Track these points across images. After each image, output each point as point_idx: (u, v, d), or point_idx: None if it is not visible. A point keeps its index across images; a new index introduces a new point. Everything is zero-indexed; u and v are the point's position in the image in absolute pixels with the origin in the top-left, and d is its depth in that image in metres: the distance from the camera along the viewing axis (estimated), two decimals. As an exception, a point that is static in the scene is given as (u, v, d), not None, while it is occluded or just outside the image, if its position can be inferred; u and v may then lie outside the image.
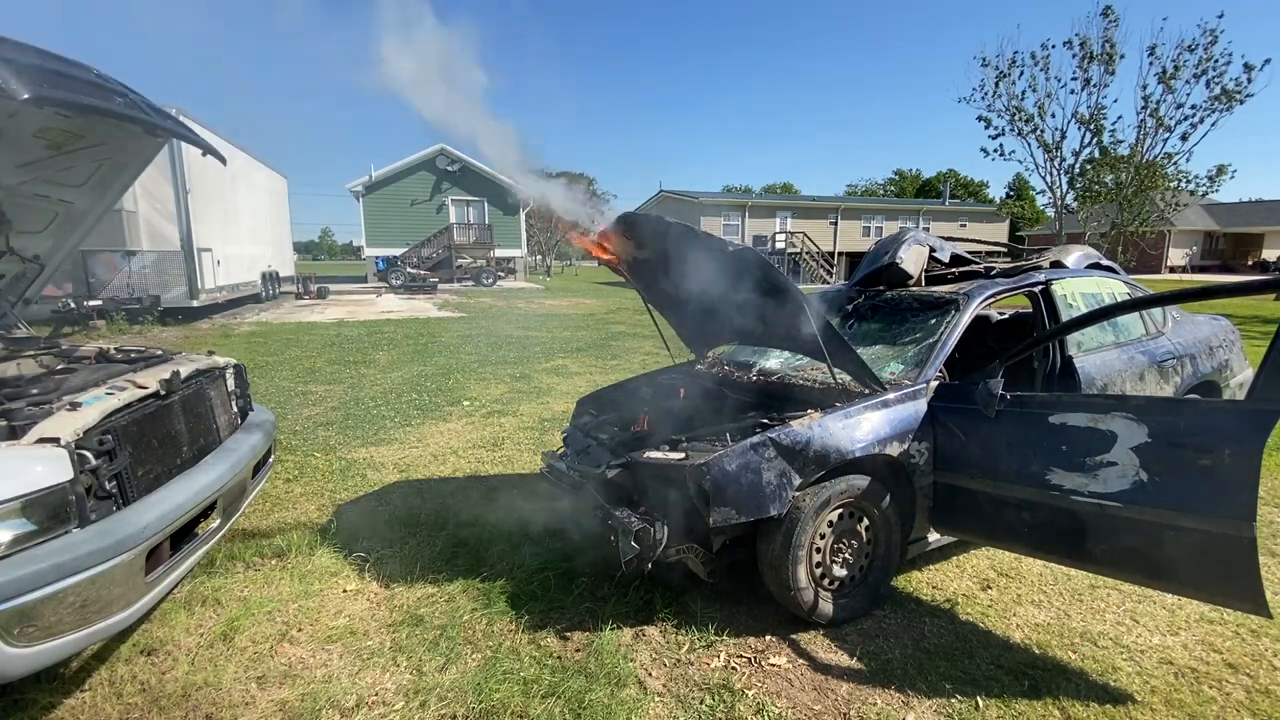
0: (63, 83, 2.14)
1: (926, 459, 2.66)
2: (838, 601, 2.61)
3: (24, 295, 3.44)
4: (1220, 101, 16.50)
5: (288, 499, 3.98)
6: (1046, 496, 2.32)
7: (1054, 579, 2.98)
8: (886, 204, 41.76)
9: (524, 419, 5.85)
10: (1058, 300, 3.27)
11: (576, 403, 3.82)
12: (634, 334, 11.88)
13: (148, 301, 12.24)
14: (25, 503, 1.74)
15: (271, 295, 18.43)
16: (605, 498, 2.70)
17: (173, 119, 2.79)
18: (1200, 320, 4.14)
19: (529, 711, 2.12)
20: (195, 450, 2.57)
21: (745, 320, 3.07)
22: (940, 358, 2.86)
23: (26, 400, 2.12)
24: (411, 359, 9.02)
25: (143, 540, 1.98)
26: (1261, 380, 1.93)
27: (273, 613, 2.71)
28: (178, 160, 11.88)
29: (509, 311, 16.32)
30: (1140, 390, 3.40)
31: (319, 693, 2.21)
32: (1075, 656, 2.43)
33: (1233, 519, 1.91)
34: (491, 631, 2.58)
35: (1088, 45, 17.26)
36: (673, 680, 2.30)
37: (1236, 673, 2.33)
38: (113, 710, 2.15)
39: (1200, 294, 2.37)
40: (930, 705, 2.17)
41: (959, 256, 3.75)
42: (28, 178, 2.88)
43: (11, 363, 2.81)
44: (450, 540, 3.36)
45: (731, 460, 2.38)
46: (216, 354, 3.14)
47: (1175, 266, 36.67)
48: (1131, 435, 2.12)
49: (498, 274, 26.87)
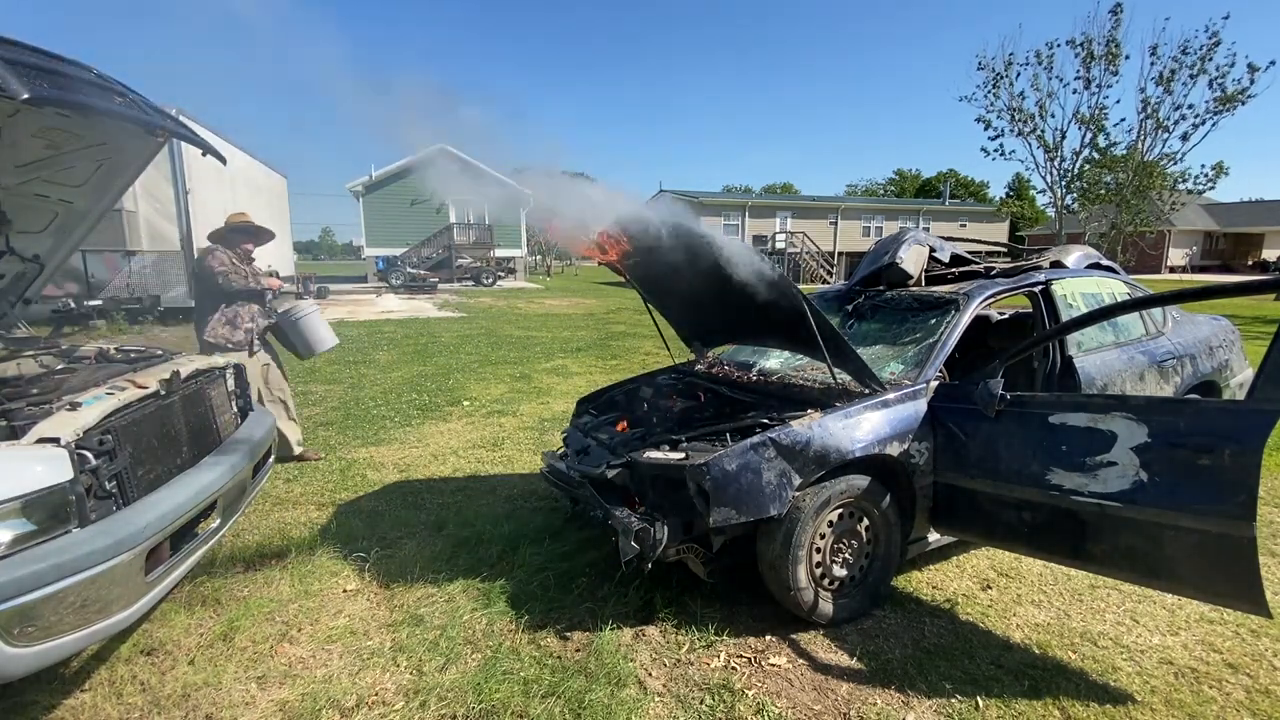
0: (63, 83, 2.13)
1: (926, 459, 2.66)
2: (838, 601, 2.61)
3: (24, 295, 3.43)
4: (1222, 104, 16.49)
5: (288, 499, 3.98)
6: (1046, 496, 2.32)
7: (1054, 579, 2.98)
8: (886, 204, 41.75)
9: (524, 419, 5.85)
10: (1058, 300, 3.27)
11: (576, 403, 3.83)
12: (634, 334, 11.88)
13: (148, 301, 12.23)
14: (25, 502, 1.74)
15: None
16: (605, 498, 2.70)
17: (173, 119, 2.79)
18: (1200, 320, 4.14)
19: (529, 711, 2.12)
20: (195, 450, 2.57)
21: (745, 320, 3.07)
22: (940, 358, 2.86)
23: (26, 400, 2.12)
24: (411, 359, 9.02)
25: (143, 540, 1.98)
26: (1261, 380, 1.93)
27: (273, 613, 2.71)
28: (178, 160, 11.87)
29: (509, 311, 16.32)
30: (1140, 390, 3.40)
31: (319, 693, 2.21)
32: (1075, 656, 2.43)
33: (1233, 519, 1.91)
34: (491, 631, 2.58)
35: (1090, 45, 17.25)
36: (673, 680, 2.30)
37: (1236, 673, 2.33)
38: (113, 710, 2.15)
39: (1200, 294, 2.37)
40: (930, 705, 2.17)
41: (959, 256, 3.75)
42: (28, 178, 2.87)
43: (11, 363, 2.81)
44: (450, 540, 3.36)
45: (731, 460, 2.38)
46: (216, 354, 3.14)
47: (1175, 266, 36.66)
48: (1131, 435, 2.12)
49: (498, 274, 26.87)
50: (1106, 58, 17.16)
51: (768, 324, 3.05)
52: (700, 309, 3.27)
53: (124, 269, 12.02)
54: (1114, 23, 17.01)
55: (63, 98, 2.10)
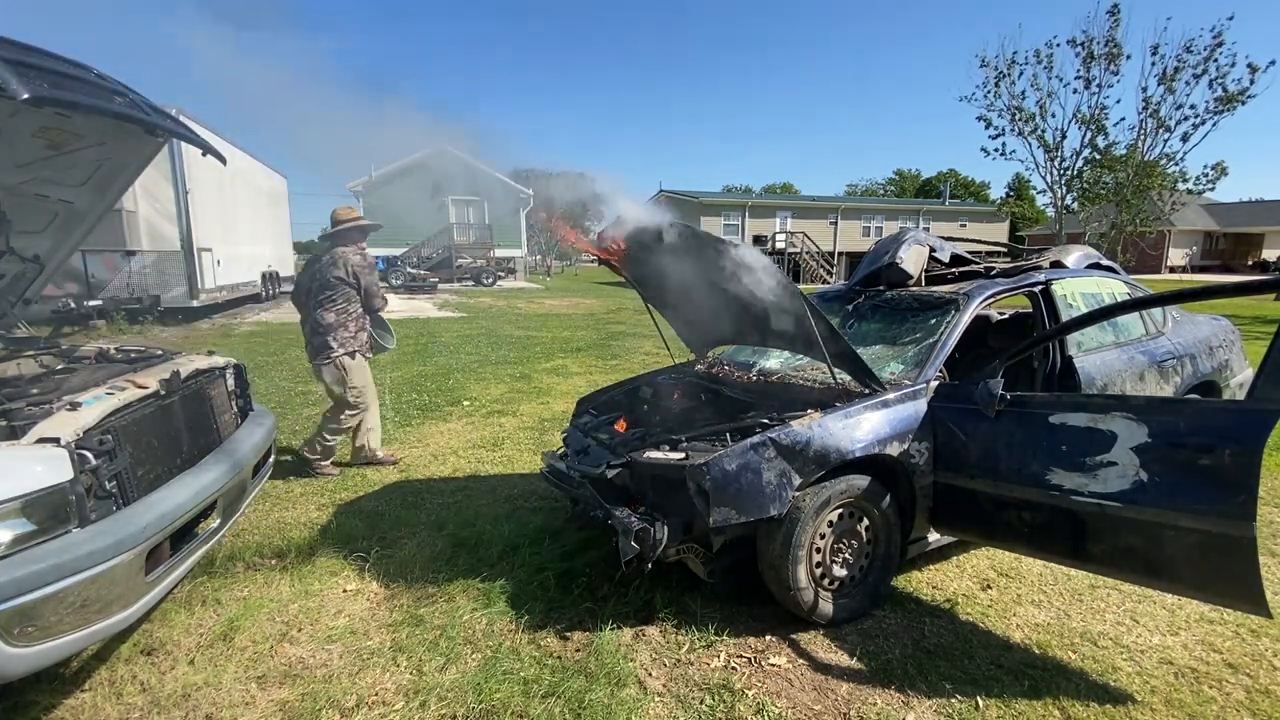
0: (63, 83, 2.13)
1: (926, 459, 2.66)
2: (838, 601, 2.61)
3: (24, 295, 3.43)
4: (1223, 104, 16.50)
5: (288, 499, 3.98)
6: (1046, 496, 2.32)
7: (1054, 579, 2.98)
8: (886, 204, 41.77)
9: (524, 419, 5.85)
10: (1058, 300, 3.27)
11: (576, 403, 3.82)
12: (634, 334, 11.88)
13: (148, 301, 12.22)
14: (25, 502, 1.74)
15: (272, 295, 18.41)
16: (605, 498, 2.70)
17: (172, 119, 2.79)
18: (1200, 320, 4.14)
19: (529, 711, 2.12)
20: (195, 450, 2.57)
21: (745, 320, 3.07)
22: (940, 358, 2.86)
23: (26, 400, 2.12)
24: (411, 359, 9.01)
25: (143, 540, 1.98)
26: (1261, 380, 1.93)
27: (273, 613, 2.71)
28: (178, 160, 11.86)
29: (509, 311, 16.32)
30: (1140, 390, 3.40)
31: (319, 693, 2.21)
32: (1075, 656, 2.43)
33: (1233, 519, 1.91)
34: (491, 631, 2.58)
35: (1090, 44, 17.26)
36: (673, 680, 2.30)
37: (1236, 673, 2.33)
38: (113, 710, 2.15)
39: (1200, 294, 2.37)
40: (930, 705, 2.17)
41: (959, 256, 3.75)
42: (28, 178, 2.88)
43: (11, 363, 2.81)
44: (450, 540, 3.36)
45: (731, 460, 2.38)
46: (216, 354, 3.14)
47: (1175, 266, 36.66)
48: (1131, 435, 2.12)
49: (498, 274, 26.85)
50: (1107, 58, 17.17)
51: (768, 324, 3.05)
52: (700, 309, 3.27)
53: (124, 269, 12.02)
54: (1113, 22, 17.03)
55: (63, 98, 2.10)
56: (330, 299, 4.16)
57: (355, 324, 4.26)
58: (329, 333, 4.14)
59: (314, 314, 4.19)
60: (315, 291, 4.19)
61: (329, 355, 4.15)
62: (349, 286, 4.18)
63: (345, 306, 4.20)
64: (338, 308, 4.18)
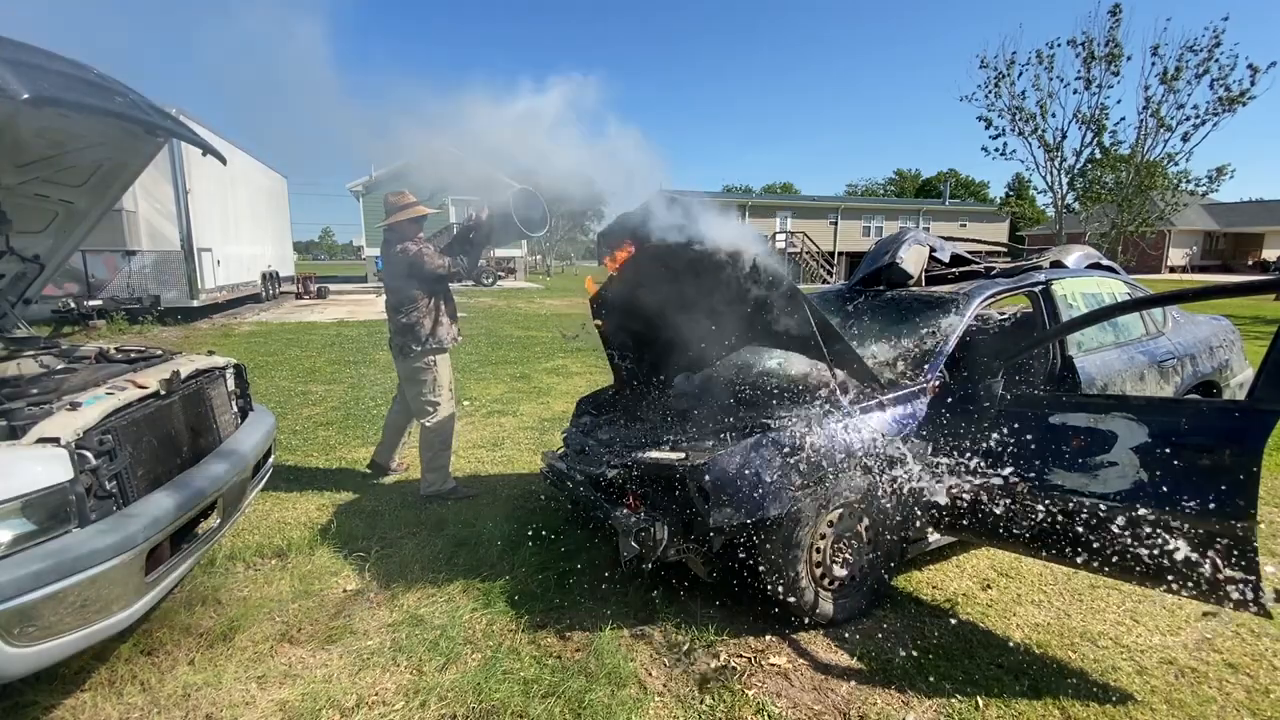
0: (63, 83, 2.13)
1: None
2: (838, 601, 2.61)
3: (24, 295, 3.43)
4: (1223, 104, 16.51)
5: (288, 499, 3.98)
6: (1046, 497, 2.32)
7: (1054, 579, 2.98)
8: (886, 204, 41.79)
9: (524, 419, 5.85)
10: (1058, 300, 3.27)
11: (576, 403, 3.82)
12: (634, 334, 11.85)
13: (148, 301, 12.23)
14: (25, 503, 1.74)
15: (271, 295, 18.43)
16: (605, 498, 2.70)
17: (172, 119, 2.79)
18: (1200, 320, 4.14)
19: (529, 711, 2.12)
20: (195, 450, 2.57)
21: (745, 321, 3.06)
22: (940, 358, 2.86)
23: (26, 400, 2.12)
24: (411, 359, 9.00)
25: (143, 540, 1.97)
26: (1261, 380, 1.93)
27: (273, 613, 2.71)
28: (178, 160, 11.87)
29: (509, 311, 16.32)
30: (1140, 390, 3.40)
31: (319, 693, 2.21)
32: (1075, 656, 2.43)
33: (1233, 519, 1.91)
34: (491, 631, 2.58)
35: (1090, 45, 17.27)
36: (673, 680, 2.30)
37: (1236, 673, 2.33)
38: (113, 710, 2.15)
39: (1200, 294, 2.36)
40: (930, 705, 2.17)
41: (959, 256, 3.76)
42: (28, 178, 2.87)
43: (11, 363, 2.80)
44: (450, 540, 3.36)
45: (731, 460, 2.38)
46: (216, 354, 3.13)
47: (1175, 266, 36.67)
48: (1132, 435, 2.12)
49: (498, 274, 26.85)
50: (1107, 58, 17.18)
51: (768, 324, 3.05)
52: (699, 322, 3.16)
53: (124, 269, 12.02)
54: (1114, 23, 17.04)
55: (63, 98, 2.09)
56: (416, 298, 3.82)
57: (448, 316, 3.94)
58: (422, 331, 3.84)
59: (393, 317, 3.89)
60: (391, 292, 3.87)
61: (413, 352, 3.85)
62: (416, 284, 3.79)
63: (426, 303, 3.84)
64: (421, 306, 3.83)
